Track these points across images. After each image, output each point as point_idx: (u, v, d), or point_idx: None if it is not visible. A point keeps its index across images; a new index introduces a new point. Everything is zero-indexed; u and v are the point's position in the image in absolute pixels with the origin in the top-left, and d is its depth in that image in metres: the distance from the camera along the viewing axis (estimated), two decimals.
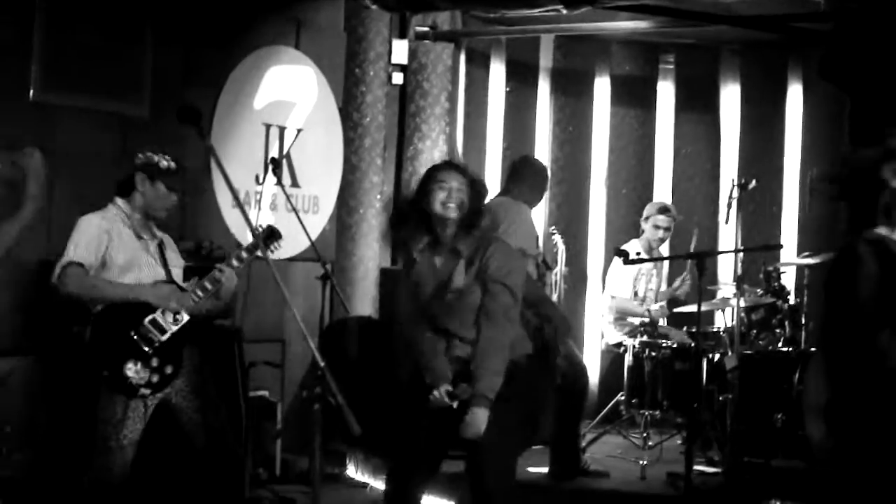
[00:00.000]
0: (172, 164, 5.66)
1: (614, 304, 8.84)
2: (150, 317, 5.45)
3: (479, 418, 4.93)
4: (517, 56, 10.15)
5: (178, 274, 5.78)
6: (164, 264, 5.65)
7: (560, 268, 8.14)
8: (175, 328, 5.49)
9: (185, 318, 5.53)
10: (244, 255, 5.68)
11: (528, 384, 5.36)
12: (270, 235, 5.83)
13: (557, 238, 8.32)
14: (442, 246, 5.15)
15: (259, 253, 5.56)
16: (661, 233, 8.81)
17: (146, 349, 5.40)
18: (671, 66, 10.53)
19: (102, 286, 5.40)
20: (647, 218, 8.89)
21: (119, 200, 5.61)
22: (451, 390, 5.06)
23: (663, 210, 8.89)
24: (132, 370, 5.35)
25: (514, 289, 5.09)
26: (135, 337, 5.39)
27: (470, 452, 5.12)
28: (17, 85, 6.58)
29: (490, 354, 5.01)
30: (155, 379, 5.42)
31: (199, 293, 5.55)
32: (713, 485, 7.24)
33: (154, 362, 5.42)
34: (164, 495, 6.21)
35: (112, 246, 5.45)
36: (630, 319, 8.68)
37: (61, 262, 5.37)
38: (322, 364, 3.83)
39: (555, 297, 7.78)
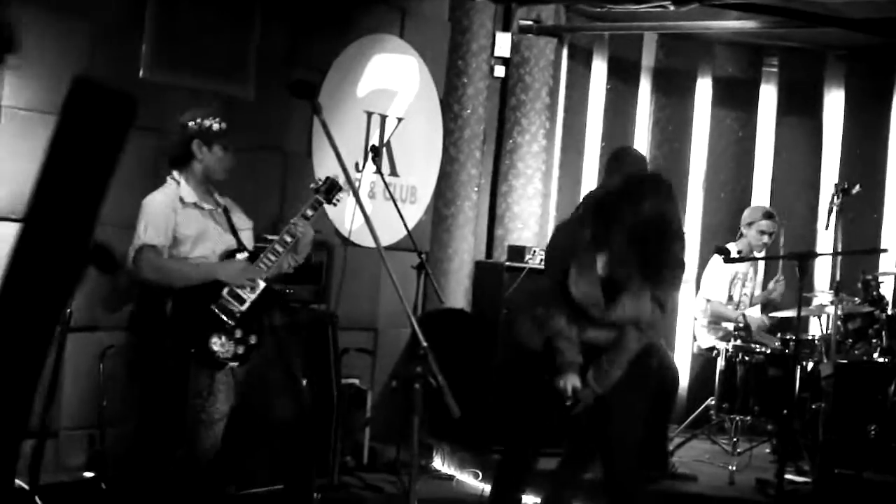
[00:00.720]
0: (224, 125, 5.58)
1: (709, 308, 8.75)
2: (227, 288, 5.47)
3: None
4: (619, 53, 10.10)
5: (247, 237, 5.78)
6: (233, 230, 5.64)
7: None
8: (253, 296, 5.50)
9: (262, 285, 5.53)
10: (310, 212, 5.66)
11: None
12: (332, 187, 5.79)
13: None
14: None
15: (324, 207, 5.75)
16: (765, 238, 8.66)
17: (229, 321, 5.42)
18: (774, 70, 10.41)
19: (177, 269, 5.41)
20: (750, 223, 8.73)
21: (176, 173, 5.56)
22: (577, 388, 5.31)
23: (769, 215, 8.75)
24: (217, 344, 5.37)
25: None
26: (216, 310, 5.41)
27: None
28: (129, 63, 6.66)
29: None
30: (241, 350, 5.44)
31: (279, 248, 5.53)
32: (803, 494, 7.16)
33: (238, 333, 5.43)
34: (252, 467, 6.30)
35: (179, 221, 5.44)
36: (724, 324, 8.59)
37: (134, 246, 5.35)
38: (424, 344, 3.81)
39: None
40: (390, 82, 8.40)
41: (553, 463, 6.13)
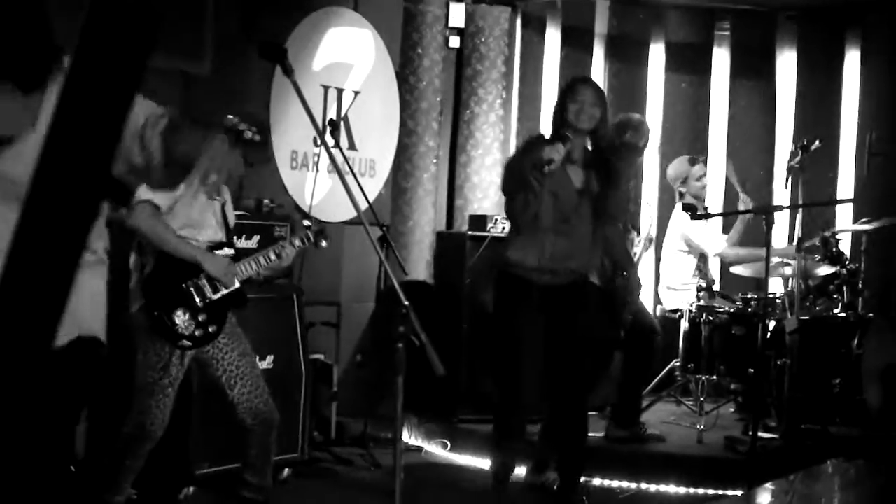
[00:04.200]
0: (257, 137, 5.55)
1: (730, 256, 8.62)
2: (206, 275, 5.51)
3: None
4: (572, 21, 10.09)
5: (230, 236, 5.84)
6: (226, 227, 5.67)
7: (644, 235, 8.08)
8: (227, 291, 5.55)
9: (237, 284, 5.60)
10: (297, 243, 5.91)
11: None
12: (320, 232, 6.04)
13: (649, 209, 8.35)
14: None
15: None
16: (704, 181, 8.61)
17: (198, 302, 5.44)
18: (727, 33, 10.43)
19: (169, 236, 5.39)
20: (685, 179, 8.63)
21: None
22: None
23: (693, 161, 8.72)
24: (180, 318, 5.37)
25: None
26: (190, 288, 5.43)
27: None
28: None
29: None
30: (198, 333, 5.43)
31: (262, 261, 5.64)
32: (771, 450, 7.22)
33: (201, 317, 5.44)
34: (206, 449, 6.28)
35: (184, 198, 5.43)
36: (688, 282, 8.56)
37: (137, 196, 5.35)
38: (406, 303, 3.81)
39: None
40: (346, 56, 8.37)
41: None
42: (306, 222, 6.09)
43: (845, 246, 8.77)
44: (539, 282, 5.92)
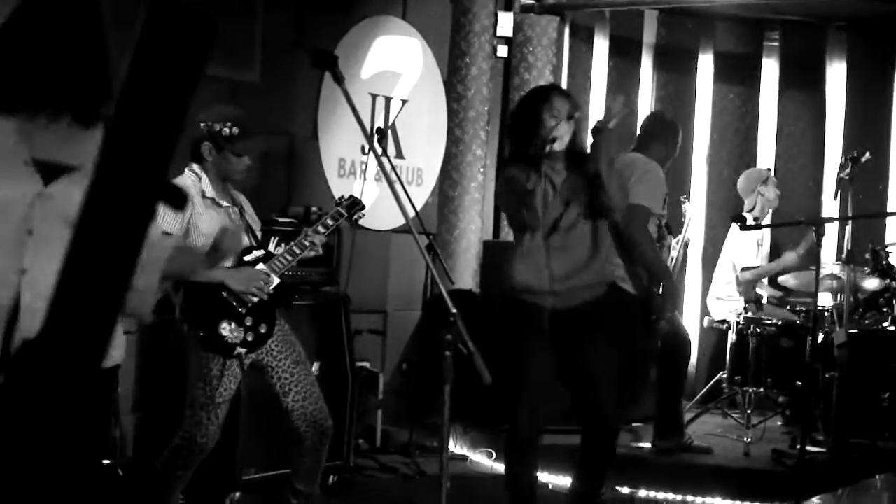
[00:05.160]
0: (235, 130, 5.47)
1: (748, 276, 8.63)
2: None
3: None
4: (621, 31, 10.08)
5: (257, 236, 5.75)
6: (248, 228, 5.58)
7: (682, 237, 7.95)
8: (268, 289, 5.46)
9: (276, 280, 5.49)
10: (330, 222, 5.66)
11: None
12: (353, 205, 5.81)
13: (687, 206, 8.18)
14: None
15: (343, 221, 5.76)
16: (773, 195, 8.66)
17: (239, 309, 5.37)
18: (776, 44, 10.39)
19: (184, 267, 5.32)
20: (765, 182, 8.69)
21: (195, 166, 5.44)
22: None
23: (765, 175, 8.76)
24: (227, 329, 5.31)
25: None
26: (229, 298, 5.36)
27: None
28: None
29: None
30: (250, 338, 5.38)
31: (289, 257, 5.53)
32: (819, 463, 7.17)
33: (248, 321, 5.37)
34: (254, 455, 6.30)
35: (195, 213, 5.31)
36: (738, 292, 8.52)
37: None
38: (454, 311, 3.79)
39: (669, 264, 7.61)
40: (394, 64, 8.39)
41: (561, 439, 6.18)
42: (336, 199, 5.84)
43: (895, 259, 8.70)
44: (546, 305, 5.51)
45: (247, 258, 5.49)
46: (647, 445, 7.48)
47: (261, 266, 5.48)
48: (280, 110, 7.58)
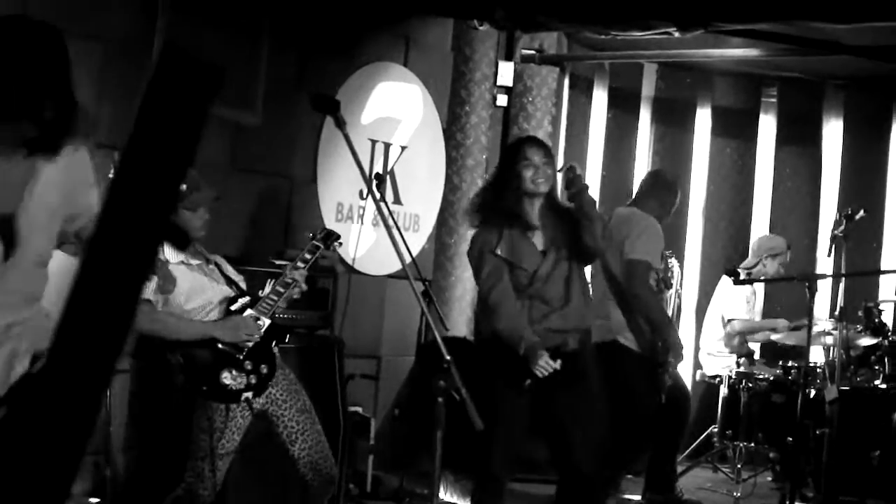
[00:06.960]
0: (182, 186, 5.39)
1: (735, 326, 8.68)
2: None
3: None
4: (619, 83, 10.15)
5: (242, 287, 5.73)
6: (228, 280, 5.58)
7: (675, 290, 8.01)
8: (261, 331, 5.45)
9: (267, 322, 5.48)
10: (308, 256, 5.67)
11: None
12: (328, 237, 5.84)
13: (673, 261, 8.22)
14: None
15: (323, 252, 5.78)
16: (783, 270, 8.76)
17: (237, 355, 5.36)
18: (773, 100, 10.46)
19: (173, 324, 5.30)
20: (776, 255, 8.78)
21: None
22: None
23: (788, 245, 8.86)
24: (228, 378, 5.29)
25: None
26: (223, 346, 5.35)
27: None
28: (139, 86, 6.65)
29: None
30: (253, 380, 5.36)
31: (274, 297, 5.53)
32: None
33: (248, 365, 5.36)
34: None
35: (165, 278, 5.27)
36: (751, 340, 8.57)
37: None
38: (448, 358, 3.81)
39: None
40: (394, 110, 8.43)
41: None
42: (310, 234, 5.84)
43: (888, 317, 8.73)
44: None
45: (233, 307, 5.48)
46: (637, 498, 7.47)
47: (248, 312, 5.48)
48: (281, 153, 7.61)
